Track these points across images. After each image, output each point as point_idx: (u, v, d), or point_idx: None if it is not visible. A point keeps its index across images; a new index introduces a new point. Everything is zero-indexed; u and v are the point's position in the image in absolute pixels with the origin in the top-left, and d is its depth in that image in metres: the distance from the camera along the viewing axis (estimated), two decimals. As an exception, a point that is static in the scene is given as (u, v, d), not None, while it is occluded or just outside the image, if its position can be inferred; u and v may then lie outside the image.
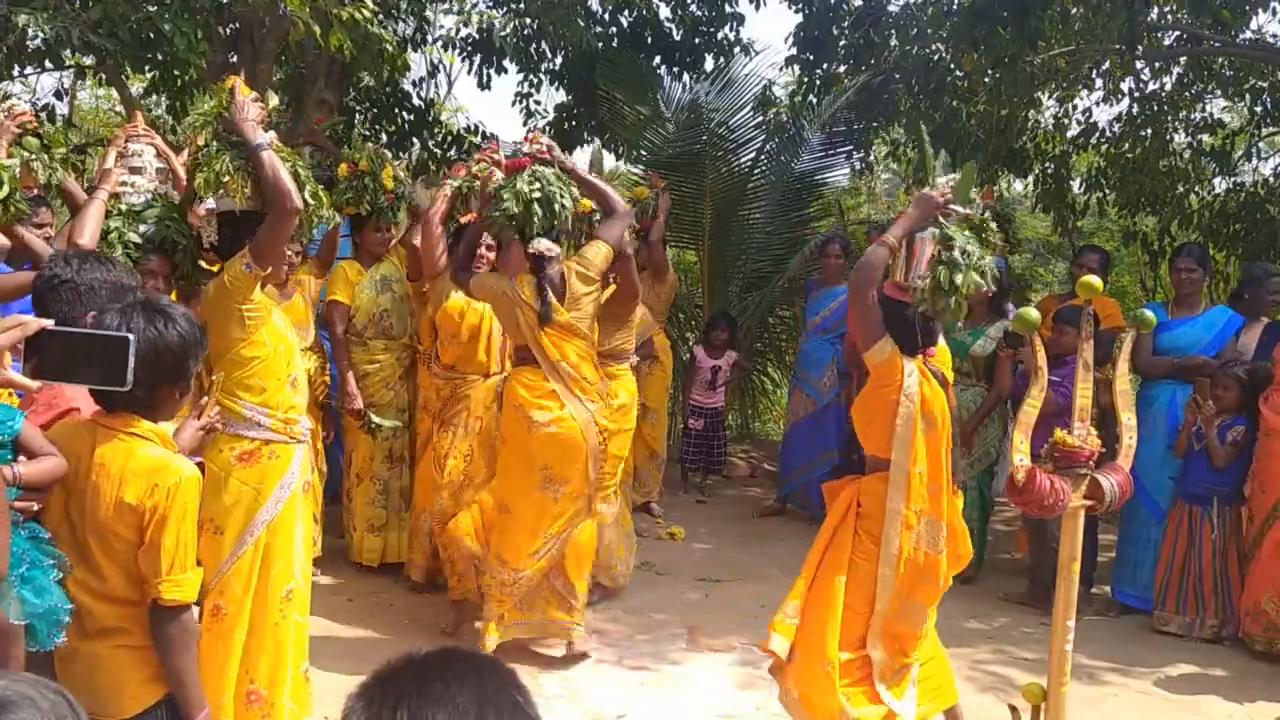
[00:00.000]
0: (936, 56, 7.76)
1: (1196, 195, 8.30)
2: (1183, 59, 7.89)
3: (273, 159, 3.07)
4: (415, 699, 1.06)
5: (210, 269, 3.58)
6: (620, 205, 4.26)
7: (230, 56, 6.66)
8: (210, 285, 3.16)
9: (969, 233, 3.18)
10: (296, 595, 3.23)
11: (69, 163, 3.69)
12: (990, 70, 7.10)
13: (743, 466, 8.34)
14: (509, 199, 3.99)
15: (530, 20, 7.68)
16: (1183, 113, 8.27)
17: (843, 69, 8.74)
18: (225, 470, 3.12)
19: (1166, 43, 7.77)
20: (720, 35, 9.12)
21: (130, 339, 1.73)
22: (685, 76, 9.22)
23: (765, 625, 4.76)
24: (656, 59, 9.11)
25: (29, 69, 5.85)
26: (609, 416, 4.27)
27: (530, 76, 9.20)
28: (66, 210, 3.66)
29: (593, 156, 5.20)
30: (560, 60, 9.08)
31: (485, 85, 8.70)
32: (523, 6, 7.56)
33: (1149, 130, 8.07)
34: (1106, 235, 10.74)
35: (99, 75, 6.70)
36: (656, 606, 4.95)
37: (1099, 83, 8.14)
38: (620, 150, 9.05)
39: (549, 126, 9.53)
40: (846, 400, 6.69)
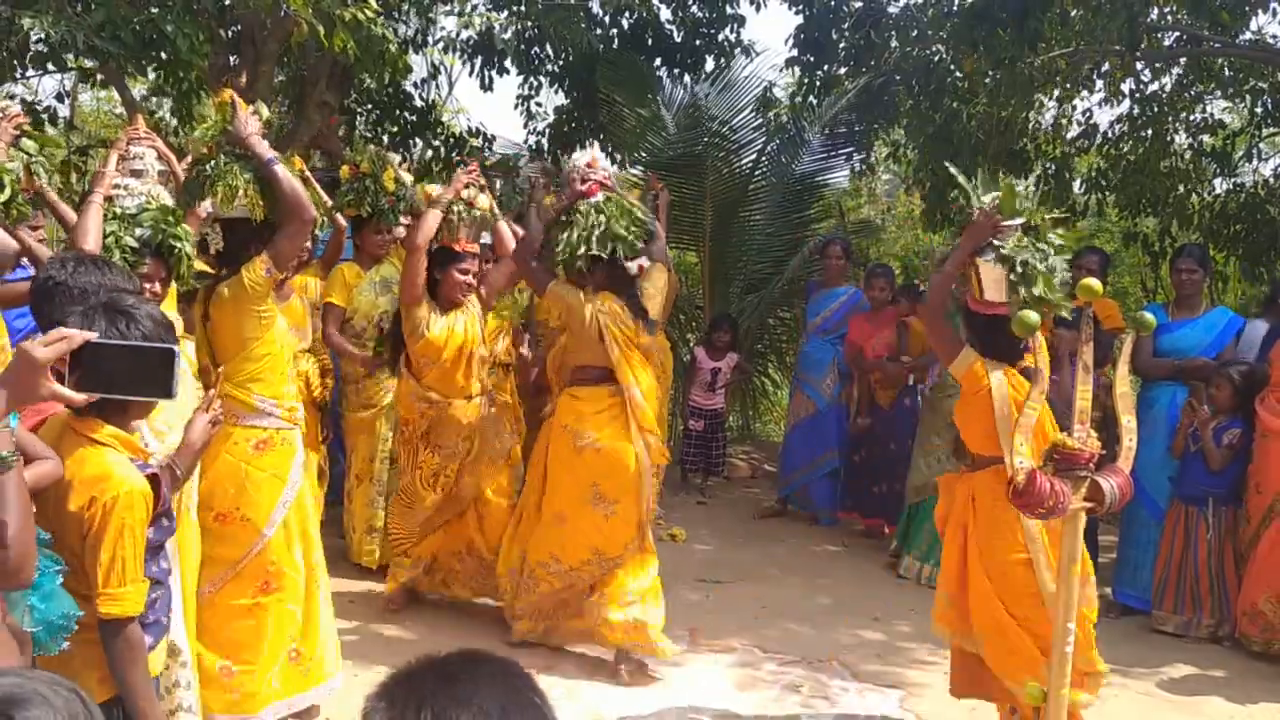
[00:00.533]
0: (937, 58, 7.76)
1: (1197, 196, 8.29)
2: (1182, 60, 7.89)
3: (285, 172, 3.34)
4: (439, 699, 1.06)
5: (212, 272, 3.62)
6: (659, 229, 4.42)
7: (232, 58, 6.67)
8: (226, 288, 3.38)
9: (1025, 241, 3.27)
10: (321, 566, 3.60)
11: (70, 165, 3.70)
12: (990, 71, 7.10)
13: (743, 468, 8.35)
14: (600, 224, 4.04)
15: (531, 22, 7.69)
16: (1183, 113, 8.27)
17: (843, 70, 8.74)
18: (245, 460, 3.41)
19: (1166, 43, 7.77)
20: (721, 37, 9.12)
21: (175, 350, 1.71)
22: (686, 78, 9.23)
23: (766, 626, 4.80)
24: (657, 61, 9.11)
25: (31, 71, 5.85)
26: None
27: (531, 78, 9.21)
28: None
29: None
30: (561, 62, 9.08)
31: (487, 87, 8.71)
32: (524, 9, 7.57)
33: (1149, 131, 8.07)
34: (1107, 236, 10.74)
35: (100, 78, 6.70)
36: (657, 608, 4.95)
37: (1099, 84, 8.14)
38: (618, 152, 9.05)
39: (549, 128, 9.54)
40: (847, 400, 6.72)
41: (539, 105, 9.51)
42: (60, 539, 2.11)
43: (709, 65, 9.25)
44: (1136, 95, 8.15)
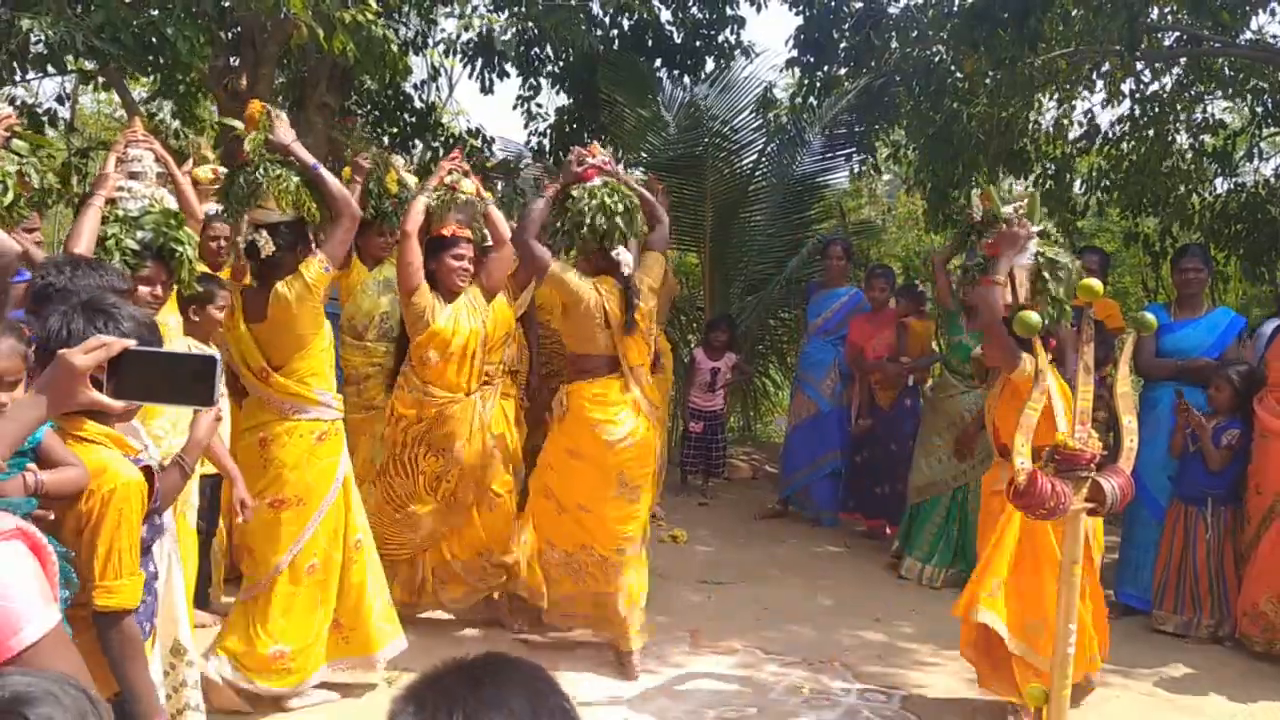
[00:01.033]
0: (937, 58, 7.76)
1: (1198, 196, 8.28)
2: (1183, 60, 7.89)
3: (330, 175, 3.61)
4: (469, 703, 1.06)
5: (215, 275, 3.64)
6: (664, 215, 4.37)
7: (232, 60, 6.68)
8: (287, 291, 3.53)
9: (1042, 244, 3.69)
10: (365, 542, 3.84)
11: (70, 167, 3.71)
12: (990, 72, 7.10)
13: (744, 469, 8.35)
14: (592, 208, 4.05)
15: (531, 24, 7.69)
16: (1184, 114, 8.27)
17: (843, 71, 8.74)
18: (307, 452, 3.63)
19: (1167, 44, 7.76)
20: (721, 38, 9.13)
21: (216, 358, 1.70)
22: (686, 79, 9.24)
23: (767, 627, 4.79)
24: (657, 62, 9.13)
25: (31, 73, 5.86)
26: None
27: (531, 79, 9.22)
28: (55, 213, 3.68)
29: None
30: (561, 63, 9.09)
31: (488, 89, 8.72)
32: (524, 10, 7.58)
33: (1150, 131, 8.07)
34: (1108, 236, 10.73)
35: (100, 80, 6.71)
36: (658, 609, 4.94)
37: (1099, 84, 8.14)
38: (619, 153, 9.05)
39: (550, 129, 9.54)
40: (848, 401, 6.71)
41: (539, 106, 9.53)
42: (60, 536, 2.10)
43: (709, 66, 9.27)
44: (1137, 95, 8.15)
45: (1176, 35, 7.71)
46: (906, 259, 11.76)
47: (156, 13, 5.35)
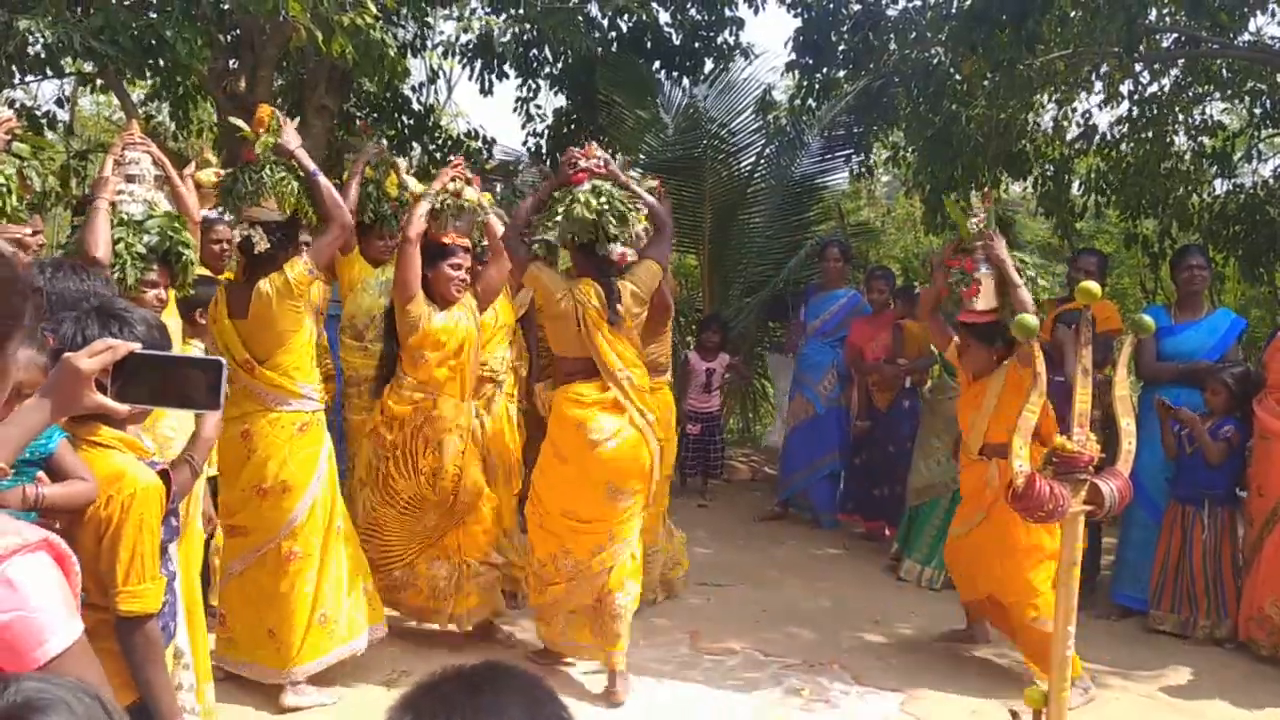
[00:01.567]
0: (936, 60, 7.77)
1: (1197, 197, 8.28)
2: (1181, 61, 7.89)
3: (327, 182, 3.78)
4: (467, 711, 1.06)
5: (214, 278, 3.65)
6: (667, 222, 4.30)
7: (231, 63, 6.68)
8: (268, 287, 3.66)
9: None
10: (345, 529, 3.97)
11: (69, 169, 3.72)
12: (989, 73, 7.10)
13: (743, 470, 8.35)
14: (580, 209, 3.98)
15: (530, 25, 7.69)
16: (1182, 115, 8.27)
17: (842, 73, 8.75)
18: (289, 442, 3.74)
19: (1165, 45, 7.77)
20: (720, 40, 9.14)
21: (222, 362, 1.69)
22: (685, 81, 9.24)
23: (766, 629, 4.79)
24: (656, 63, 9.13)
25: (30, 76, 5.86)
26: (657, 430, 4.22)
27: (530, 81, 9.22)
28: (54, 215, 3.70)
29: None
30: (560, 65, 9.09)
31: (486, 91, 8.72)
32: (522, 12, 7.58)
33: (1149, 133, 8.07)
34: (1106, 238, 10.74)
35: (99, 82, 6.71)
36: (658, 611, 4.95)
37: (1098, 85, 8.14)
38: (618, 155, 9.05)
39: (548, 130, 9.54)
40: (846, 403, 6.72)
41: (538, 108, 9.53)
42: (76, 544, 2.09)
43: (708, 68, 9.27)
44: (1135, 97, 8.15)
45: (1175, 37, 7.71)
46: (905, 261, 11.77)
47: (155, 15, 5.36)
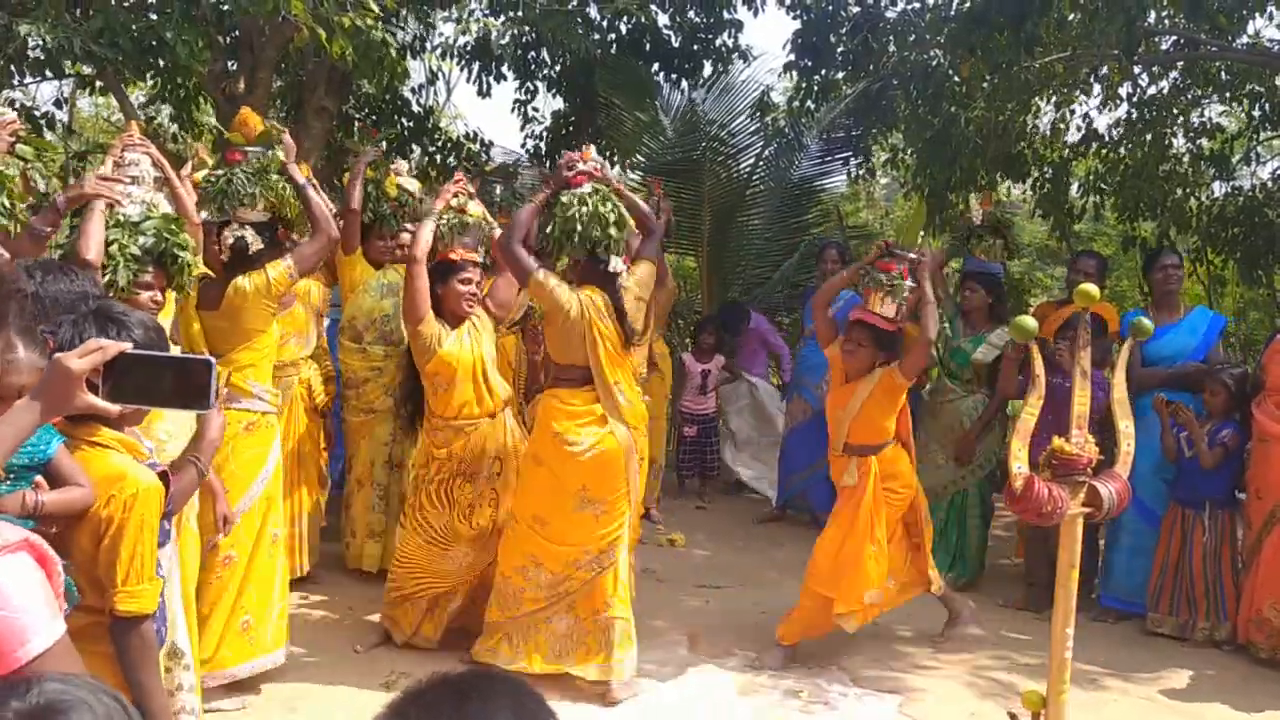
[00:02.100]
0: (934, 62, 7.76)
1: (1195, 200, 8.29)
2: (1180, 63, 7.89)
3: (315, 195, 3.89)
4: (455, 718, 1.05)
5: (214, 277, 3.66)
6: (657, 224, 4.30)
7: (230, 64, 6.67)
8: (246, 283, 3.73)
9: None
10: (283, 539, 3.96)
11: (69, 171, 3.72)
12: (988, 76, 7.10)
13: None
14: (585, 216, 3.93)
15: (529, 27, 7.69)
16: (1181, 117, 8.28)
17: (841, 75, 8.75)
18: (233, 439, 3.68)
19: (1164, 47, 7.77)
20: (718, 42, 9.14)
21: (212, 362, 1.70)
22: (684, 83, 9.24)
23: (766, 631, 4.79)
24: (655, 65, 9.12)
25: (29, 78, 5.85)
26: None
27: (528, 83, 9.22)
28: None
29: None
30: (559, 67, 9.09)
31: (485, 93, 8.72)
32: (521, 14, 7.58)
33: (1148, 135, 8.08)
34: (1105, 240, 10.74)
35: (99, 84, 6.71)
36: (657, 613, 4.95)
37: (1097, 88, 8.15)
38: (616, 157, 9.06)
39: (547, 132, 9.54)
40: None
41: (536, 110, 9.53)
42: (71, 545, 2.09)
43: (707, 70, 9.26)
44: (1134, 99, 8.16)
45: (1173, 39, 7.71)
46: (904, 262, 11.72)
47: (155, 17, 5.35)
